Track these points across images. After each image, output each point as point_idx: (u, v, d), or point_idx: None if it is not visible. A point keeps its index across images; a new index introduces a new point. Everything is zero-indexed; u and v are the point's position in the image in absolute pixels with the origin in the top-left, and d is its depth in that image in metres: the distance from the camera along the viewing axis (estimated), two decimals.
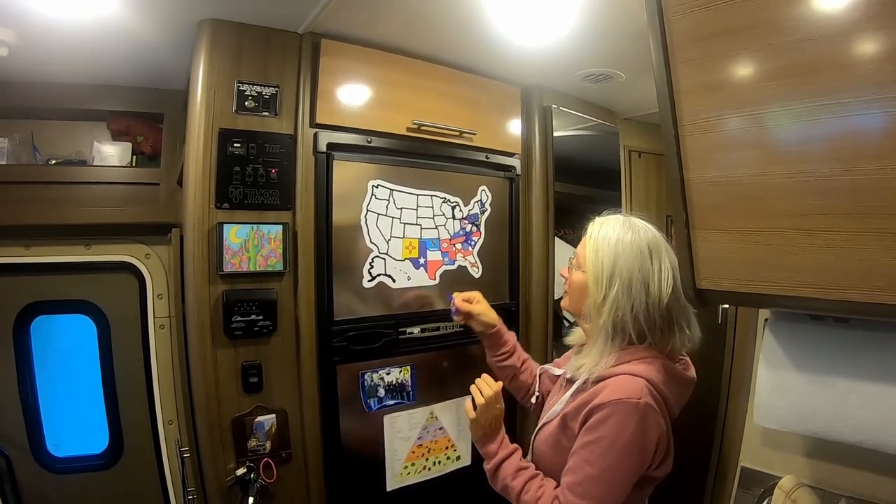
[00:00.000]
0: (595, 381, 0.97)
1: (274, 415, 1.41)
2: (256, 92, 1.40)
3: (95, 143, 1.86)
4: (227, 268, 1.34)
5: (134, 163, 1.91)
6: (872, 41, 0.69)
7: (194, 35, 1.39)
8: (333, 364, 1.48)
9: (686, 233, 0.92)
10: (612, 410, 0.91)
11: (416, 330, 1.63)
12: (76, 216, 1.75)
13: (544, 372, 1.27)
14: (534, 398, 1.28)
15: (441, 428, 1.69)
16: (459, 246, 1.74)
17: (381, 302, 1.57)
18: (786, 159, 0.80)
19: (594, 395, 0.94)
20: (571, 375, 1.06)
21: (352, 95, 1.51)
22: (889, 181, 0.69)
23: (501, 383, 1.16)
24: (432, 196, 1.67)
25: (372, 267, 1.55)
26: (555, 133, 1.95)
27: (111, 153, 1.85)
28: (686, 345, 1.02)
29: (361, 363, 1.53)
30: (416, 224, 1.64)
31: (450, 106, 1.69)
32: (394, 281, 1.59)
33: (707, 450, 1.56)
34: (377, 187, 1.56)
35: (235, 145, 1.36)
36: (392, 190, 1.59)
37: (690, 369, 1.06)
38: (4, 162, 1.71)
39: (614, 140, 2.27)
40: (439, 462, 1.69)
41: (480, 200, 1.79)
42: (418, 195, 1.64)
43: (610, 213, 1.08)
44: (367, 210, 1.54)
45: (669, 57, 0.88)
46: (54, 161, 1.82)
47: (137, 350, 1.92)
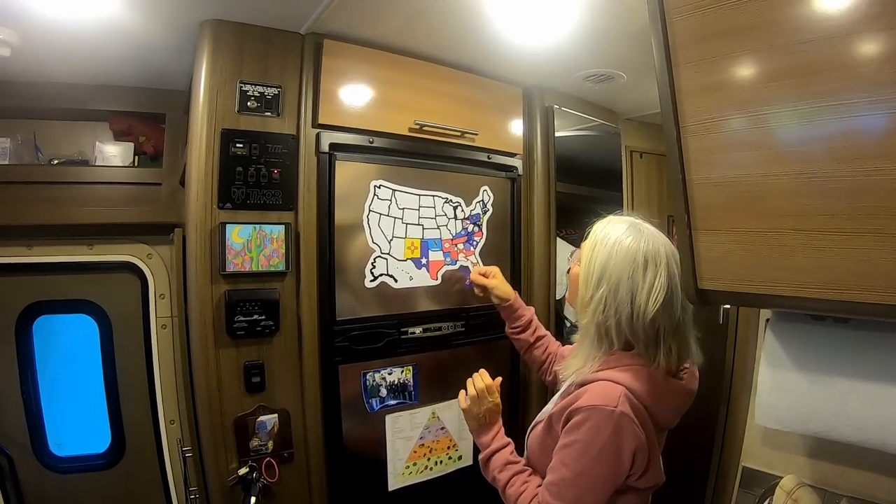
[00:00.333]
0: (579, 385, 0.97)
1: (276, 414, 1.42)
2: (259, 92, 1.40)
3: (97, 143, 1.86)
4: (230, 268, 1.34)
5: (136, 163, 1.91)
6: (874, 42, 0.69)
7: (196, 36, 1.39)
8: (335, 364, 1.48)
9: (687, 233, 0.92)
10: (587, 416, 0.90)
11: (419, 330, 1.63)
12: (78, 216, 1.75)
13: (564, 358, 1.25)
14: (549, 376, 1.30)
15: (443, 428, 1.69)
16: (461, 246, 1.74)
17: (383, 302, 1.58)
18: (787, 160, 0.80)
19: (576, 399, 0.94)
20: (563, 376, 1.06)
21: (354, 96, 1.51)
22: (890, 182, 0.69)
23: (500, 379, 1.17)
24: (434, 196, 1.67)
25: (374, 267, 1.55)
26: (556, 133, 1.95)
27: (113, 153, 1.86)
28: (672, 367, 0.97)
29: (363, 363, 1.54)
30: (418, 224, 1.64)
31: (451, 106, 1.69)
32: (396, 281, 1.59)
33: (708, 450, 1.56)
34: (379, 187, 1.56)
35: (238, 145, 1.37)
36: (394, 190, 1.59)
37: (692, 381, 1.03)
38: (7, 162, 1.71)
39: (616, 140, 2.27)
40: (441, 462, 1.69)
41: (482, 200, 1.79)
42: (420, 195, 1.64)
43: (621, 214, 1.06)
44: (370, 210, 1.54)
45: (671, 57, 0.88)
46: (56, 161, 1.82)
47: (139, 350, 1.92)
